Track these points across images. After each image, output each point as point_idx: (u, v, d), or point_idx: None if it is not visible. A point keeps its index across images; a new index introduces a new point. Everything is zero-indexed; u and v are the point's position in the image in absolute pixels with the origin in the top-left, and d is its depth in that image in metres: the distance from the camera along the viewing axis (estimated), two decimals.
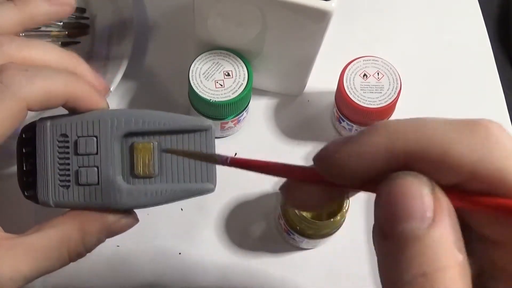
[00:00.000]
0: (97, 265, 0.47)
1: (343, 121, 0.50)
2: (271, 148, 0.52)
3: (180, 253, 0.47)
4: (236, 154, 0.51)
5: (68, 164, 0.32)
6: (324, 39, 0.45)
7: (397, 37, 0.58)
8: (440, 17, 0.59)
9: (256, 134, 0.52)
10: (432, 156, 0.20)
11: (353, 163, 0.22)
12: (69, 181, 0.32)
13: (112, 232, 0.33)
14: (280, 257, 0.48)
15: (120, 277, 0.46)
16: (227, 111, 0.47)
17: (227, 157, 0.26)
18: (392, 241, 0.20)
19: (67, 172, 0.32)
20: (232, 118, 0.48)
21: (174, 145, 0.32)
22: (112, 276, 0.46)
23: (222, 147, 0.51)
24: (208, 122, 0.32)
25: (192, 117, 0.33)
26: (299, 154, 0.51)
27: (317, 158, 0.23)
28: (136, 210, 0.49)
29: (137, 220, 0.34)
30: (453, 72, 0.56)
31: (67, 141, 0.32)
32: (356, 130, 0.50)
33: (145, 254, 0.47)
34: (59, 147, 0.32)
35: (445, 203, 0.20)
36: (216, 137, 0.51)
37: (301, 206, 0.27)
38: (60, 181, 0.32)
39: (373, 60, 0.48)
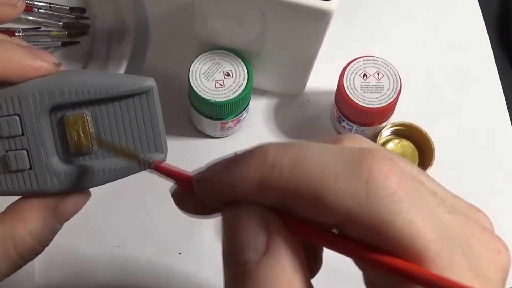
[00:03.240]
0: (97, 265, 0.47)
1: (343, 121, 0.50)
2: None
3: (180, 253, 0.47)
4: (236, 154, 0.51)
5: None
6: (324, 39, 0.45)
7: (397, 37, 0.58)
8: (440, 17, 0.59)
9: (256, 134, 0.52)
10: (305, 198, 0.19)
11: (226, 194, 0.21)
12: None
13: (62, 215, 0.29)
14: None
15: (120, 277, 0.46)
16: (227, 111, 0.47)
17: (151, 162, 0.24)
18: (232, 270, 0.21)
19: None
20: (232, 118, 0.48)
21: (111, 114, 0.28)
22: (112, 276, 0.46)
23: (222, 147, 0.51)
24: (149, 81, 0.28)
25: (129, 78, 0.28)
26: None
27: (196, 182, 0.22)
28: (135, 210, 0.49)
29: (88, 195, 0.30)
30: (453, 72, 0.56)
31: None
32: (356, 130, 0.50)
33: (145, 254, 0.47)
34: None
35: (280, 235, 0.20)
36: (216, 137, 0.52)
37: (192, 212, 0.25)
38: None
39: (373, 60, 0.48)
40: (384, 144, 0.50)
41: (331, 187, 0.19)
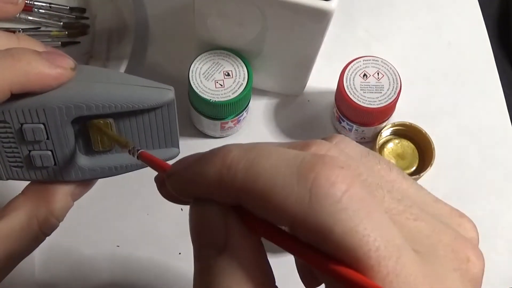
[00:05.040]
0: (97, 265, 0.47)
1: (343, 121, 0.50)
2: None
3: (180, 253, 0.47)
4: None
5: (16, 148, 0.30)
6: (324, 39, 0.45)
7: (397, 37, 0.58)
8: (440, 17, 0.59)
9: (256, 134, 0.52)
10: (255, 200, 0.20)
11: (191, 190, 0.22)
12: (21, 162, 0.30)
13: (77, 195, 0.33)
14: (280, 257, 0.48)
15: (120, 277, 0.46)
16: (227, 111, 0.47)
17: (138, 149, 0.27)
18: (197, 265, 0.22)
19: (16, 155, 0.30)
20: (232, 118, 0.48)
21: (133, 122, 0.30)
22: (112, 275, 0.46)
23: None
24: (170, 93, 0.30)
25: (152, 89, 0.30)
26: None
27: (166, 175, 0.24)
28: (135, 210, 0.49)
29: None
30: (453, 72, 0.56)
31: (9, 127, 0.29)
32: (356, 130, 0.50)
33: (145, 254, 0.47)
34: None
35: (238, 232, 0.21)
36: (216, 137, 0.52)
37: (171, 199, 0.25)
38: (11, 162, 0.30)
39: (373, 60, 0.48)
40: (384, 144, 0.50)
41: (277, 192, 0.19)
